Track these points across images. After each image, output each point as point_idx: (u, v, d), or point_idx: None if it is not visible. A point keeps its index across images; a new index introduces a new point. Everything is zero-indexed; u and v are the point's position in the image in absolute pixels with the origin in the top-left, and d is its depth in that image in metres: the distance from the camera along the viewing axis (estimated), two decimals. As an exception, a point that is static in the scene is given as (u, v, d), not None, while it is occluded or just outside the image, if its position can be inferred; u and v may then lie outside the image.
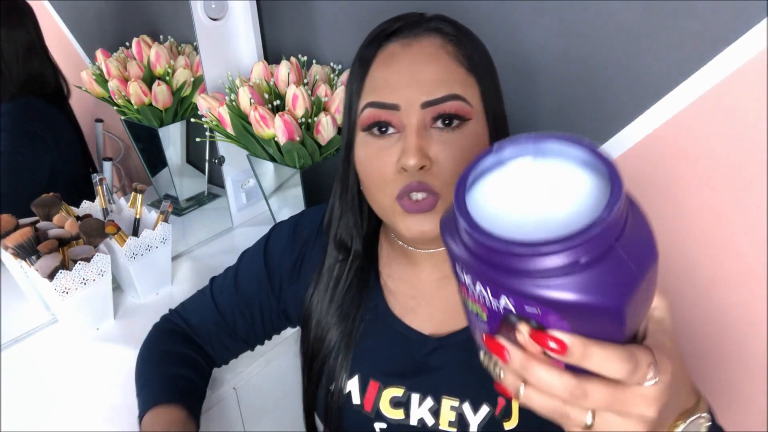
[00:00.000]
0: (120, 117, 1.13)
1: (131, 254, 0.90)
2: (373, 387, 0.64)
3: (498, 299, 0.30)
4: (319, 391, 0.67)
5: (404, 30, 0.57)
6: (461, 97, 0.54)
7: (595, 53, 0.77)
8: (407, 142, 0.53)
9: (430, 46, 0.55)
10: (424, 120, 0.54)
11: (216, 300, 0.74)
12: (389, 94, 0.54)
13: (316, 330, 0.67)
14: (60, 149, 1.06)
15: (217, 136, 1.03)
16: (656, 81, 0.73)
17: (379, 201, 0.57)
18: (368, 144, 0.56)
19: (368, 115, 0.55)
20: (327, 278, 0.67)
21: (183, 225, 1.22)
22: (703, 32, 0.68)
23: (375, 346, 0.65)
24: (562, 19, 0.78)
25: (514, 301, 0.29)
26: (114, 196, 1.00)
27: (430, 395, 0.62)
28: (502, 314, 0.31)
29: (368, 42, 0.58)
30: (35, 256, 0.80)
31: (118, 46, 1.10)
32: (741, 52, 0.66)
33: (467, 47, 0.56)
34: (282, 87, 0.96)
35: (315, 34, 1.09)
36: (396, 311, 0.65)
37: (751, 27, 0.64)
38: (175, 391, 0.66)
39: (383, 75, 0.55)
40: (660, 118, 0.75)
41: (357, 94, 0.57)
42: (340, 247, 0.66)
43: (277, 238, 0.74)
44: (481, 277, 0.30)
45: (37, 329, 0.91)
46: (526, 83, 0.86)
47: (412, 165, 0.52)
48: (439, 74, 0.54)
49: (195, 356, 0.72)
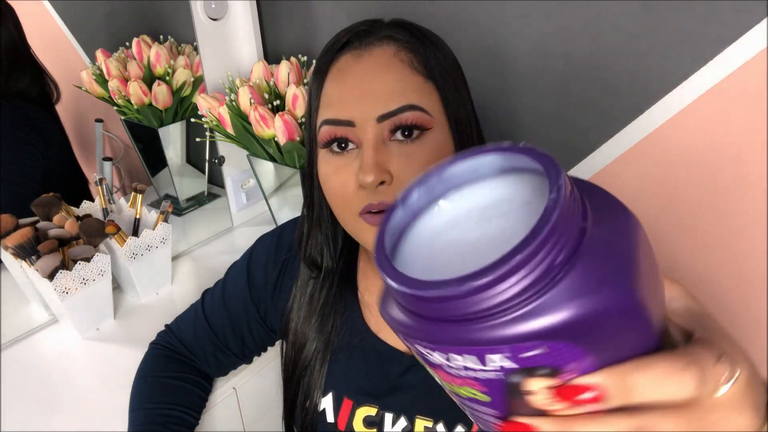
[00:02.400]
0: (120, 117, 1.13)
1: (131, 254, 0.90)
2: (347, 405, 0.63)
3: (487, 362, 0.22)
4: (297, 407, 0.66)
5: (354, 41, 0.54)
6: (418, 107, 0.51)
7: (594, 53, 0.77)
8: (364, 158, 0.50)
9: (383, 56, 0.52)
10: (382, 134, 0.51)
11: (208, 318, 0.74)
12: (342, 110, 0.51)
13: (293, 346, 0.67)
14: (50, 154, 1.05)
15: (217, 136, 1.03)
16: (656, 81, 0.73)
17: (343, 218, 0.56)
18: (328, 161, 0.54)
19: (325, 133, 0.53)
20: (300, 295, 0.66)
21: (183, 225, 1.22)
22: (703, 32, 0.68)
23: (350, 362, 0.64)
24: (561, 20, 0.78)
25: (509, 353, 0.22)
26: (114, 196, 1.00)
27: (404, 415, 0.61)
28: (503, 380, 0.23)
29: (321, 55, 0.55)
30: (35, 256, 0.80)
31: (118, 46, 1.10)
32: (741, 52, 0.66)
33: (423, 53, 0.53)
34: (282, 87, 0.96)
35: (315, 34, 1.09)
36: (372, 326, 0.64)
37: (751, 27, 0.64)
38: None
39: (336, 90, 0.53)
40: (660, 119, 0.75)
41: (315, 110, 0.55)
42: (311, 264, 0.65)
43: (260, 254, 0.73)
44: (454, 342, 0.23)
45: (37, 329, 0.91)
46: (525, 85, 0.86)
47: (370, 182, 0.49)
48: (393, 85, 0.51)
49: (190, 386, 0.73)
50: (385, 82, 0.51)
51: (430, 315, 0.23)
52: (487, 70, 0.87)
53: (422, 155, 0.51)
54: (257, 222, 1.24)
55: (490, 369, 0.23)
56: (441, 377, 0.26)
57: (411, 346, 0.25)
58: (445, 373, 0.25)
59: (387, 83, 0.51)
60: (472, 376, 0.24)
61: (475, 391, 0.24)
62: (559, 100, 0.83)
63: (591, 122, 0.81)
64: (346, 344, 0.65)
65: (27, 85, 1.01)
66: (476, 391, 0.24)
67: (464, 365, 0.23)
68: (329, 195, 0.55)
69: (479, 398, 0.25)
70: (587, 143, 0.83)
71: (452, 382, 0.25)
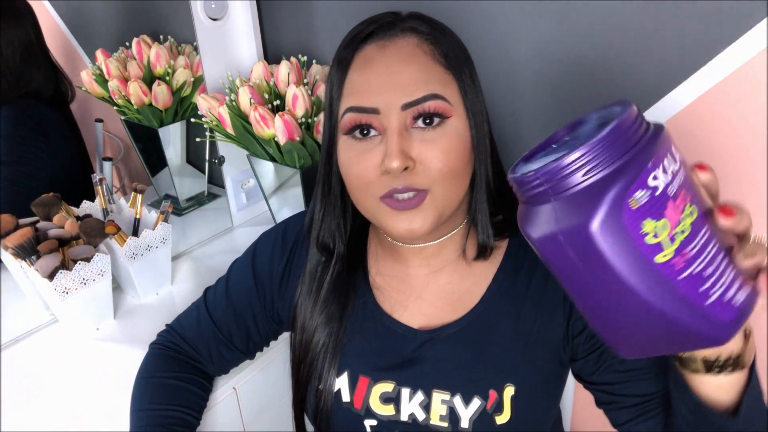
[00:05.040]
0: (120, 117, 1.13)
1: (131, 254, 0.90)
2: (363, 383, 0.64)
3: (671, 160, 0.32)
4: (308, 392, 0.67)
5: (379, 32, 0.57)
6: (441, 96, 0.54)
7: (594, 54, 0.77)
8: (389, 144, 0.53)
9: (407, 47, 0.55)
10: (405, 121, 0.54)
11: (211, 314, 0.74)
12: (368, 98, 0.54)
13: (304, 332, 0.67)
14: (58, 154, 1.05)
15: (217, 136, 1.03)
16: (656, 81, 0.73)
17: (363, 202, 0.58)
18: (350, 147, 0.56)
19: (349, 120, 0.55)
20: (310, 280, 0.67)
21: (183, 225, 1.22)
22: (703, 32, 0.68)
23: (364, 343, 0.65)
24: (561, 20, 0.78)
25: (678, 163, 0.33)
26: (114, 196, 1.00)
27: (421, 389, 0.62)
28: (685, 176, 0.33)
29: (345, 45, 0.58)
30: (35, 256, 0.80)
31: (118, 46, 1.10)
32: (741, 52, 0.66)
33: (444, 45, 0.56)
34: (282, 87, 0.96)
35: (315, 34, 1.09)
36: (385, 307, 0.66)
37: (751, 27, 0.64)
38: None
39: (361, 79, 0.55)
40: (660, 119, 0.75)
41: (337, 98, 0.57)
42: (322, 249, 0.66)
43: (264, 247, 0.74)
44: (650, 147, 0.32)
45: (37, 329, 0.91)
46: (525, 84, 0.86)
47: (396, 167, 0.52)
48: (417, 74, 0.54)
49: (191, 387, 0.73)
50: (410, 72, 0.54)
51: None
52: (488, 70, 0.87)
53: (442, 142, 0.54)
54: (257, 222, 1.24)
55: (676, 168, 0.32)
56: (669, 217, 0.32)
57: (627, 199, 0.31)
58: (673, 200, 0.32)
59: (411, 73, 0.54)
60: (687, 200, 0.32)
61: (689, 206, 0.32)
62: (559, 100, 0.83)
63: (591, 122, 0.81)
64: (359, 326, 0.66)
65: (40, 85, 1.02)
66: (689, 207, 0.32)
67: (670, 177, 0.32)
68: (350, 179, 0.57)
69: (694, 216, 0.32)
70: (587, 143, 0.83)
71: (679, 210, 0.32)
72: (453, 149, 0.54)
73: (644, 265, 0.32)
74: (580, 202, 0.31)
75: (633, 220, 0.31)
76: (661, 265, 0.32)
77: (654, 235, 0.31)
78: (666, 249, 0.31)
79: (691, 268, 0.32)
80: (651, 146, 0.32)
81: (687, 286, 0.32)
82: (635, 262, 0.31)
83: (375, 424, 0.64)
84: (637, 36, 0.73)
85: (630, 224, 0.31)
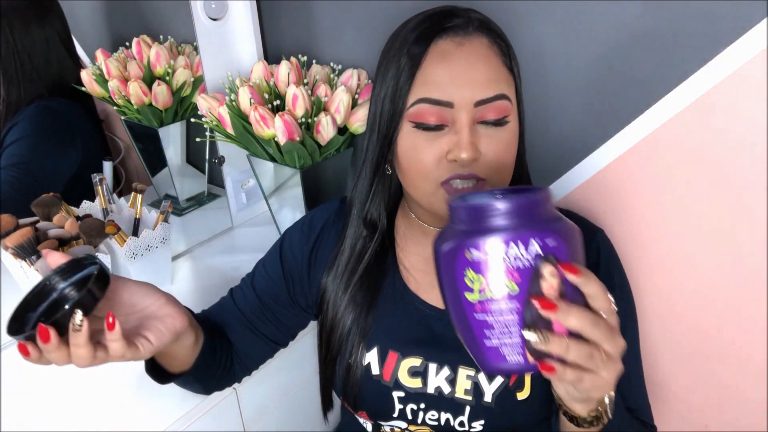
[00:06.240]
0: (120, 117, 1.13)
1: (131, 254, 0.90)
2: (392, 358, 0.68)
3: (529, 246, 0.41)
4: (337, 365, 0.70)
5: (456, 28, 0.59)
6: (507, 97, 0.58)
7: (594, 54, 0.77)
8: (461, 137, 0.57)
9: (481, 46, 0.58)
10: (474, 116, 0.57)
11: (239, 306, 0.74)
12: (444, 92, 0.57)
13: (335, 306, 0.70)
14: (84, 151, 1.06)
15: (217, 136, 1.03)
16: (656, 81, 0.73)
17: (421, 186, 0.61)
18: (417, 135, 0.59)
19: (420, 110, 0.58)
20: (348, 255, 0.70)
21: (183, 225, 1.22)
22: (703, 32, 0.68)
23: (393, 319, 0.69)
24: (561, 20, 0.78)
25: (540, 241, 0.41)
26: (114, 196, 0.99)
27: (447, 365, 0.67)
28: (531, 265, 0.41)
29: (418, 37, 0.59)
30: (35, 256, 0.80)
31: (118, 46, 1.10)
32: (741, 52, 0.66)
33: (508, 47, 0.61)
34: (282, 87, 0.96)
35: (315, 34, 1.09)
36: (412, 287, 0.70)
37: (751, 27, 0.64)
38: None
39: (437, 72, 0.57)
40: (660, 119, 0.75)
41: (406, 88, 0.59)
42: (369, 224, 0.69)
43: (292, 237, 0.76)
44: (518, 230, 0.41)
45: (37, 329, 0.91)
46: (525, 85, 0.85)
47: (466, 158, 0.56)
48: (490, 74, 0.57)
49: (216, 341, 0.71)
50: (484, 70, 0.58)
51: (514, 210, 0.42)
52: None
53: (504, 139, 0.59)
54: (257, 222, 1.24)
55: (528, 254, 0.41)
56: (486, 277, 0.42)
57: (478, 248, 0.42)
58: (491, 276, 0.42)
59: (486, 72, 0.58)
60: (515, 267, 0.41)
61: (509, 283, 0.41)
62: (559, 100, 0.83)
63: (591, 122, 0.81)
64: (388, 303, 0.70)
65: (69, 80, 1.03)
66: (509, 284, 0.41)
67: (516, 255, 0.41)
68: (412, 165, 0.60)
69: (511, 289, 0.42)
70: (587, 143, 0.83)
71: (497, 281, 0.42)
72: (510, 146, 0.60)
73: (456, 293, 0.44)
74: (453, 236, 0.45)
75: (462, 263, 0.43)
76: (465, 300, 0.44)
77: (470, 280, 0.43)
78: (474, 294, 0.43)
79: (485, 316, 0.43)
80: (514, 230, 0.42)
81: (476, 324, 0.44)
82: (453, 288, 0.44)
83: (402, 396, 0.68)
84: (637, 36, 0.73)
85: (459, 264, 0.43)
